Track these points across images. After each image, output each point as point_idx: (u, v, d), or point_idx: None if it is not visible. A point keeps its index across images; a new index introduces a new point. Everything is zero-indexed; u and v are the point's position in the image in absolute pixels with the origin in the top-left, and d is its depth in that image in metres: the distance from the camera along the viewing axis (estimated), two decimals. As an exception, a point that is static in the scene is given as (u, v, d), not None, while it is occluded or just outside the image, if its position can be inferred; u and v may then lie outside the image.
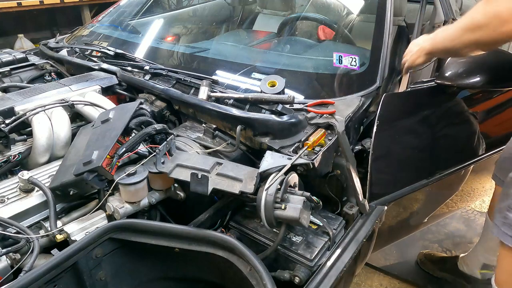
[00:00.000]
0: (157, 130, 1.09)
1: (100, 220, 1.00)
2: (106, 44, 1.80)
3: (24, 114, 1.20)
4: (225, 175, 0.99)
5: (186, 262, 1.00)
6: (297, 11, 2.13)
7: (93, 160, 0.97)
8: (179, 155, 1.08)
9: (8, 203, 0.99)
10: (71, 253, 0.84)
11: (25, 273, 0.81)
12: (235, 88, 1.37)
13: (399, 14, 1.58)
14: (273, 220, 0.90)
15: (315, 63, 1.51)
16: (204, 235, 0.91)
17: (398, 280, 2.02)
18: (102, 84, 1.45)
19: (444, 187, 1.58)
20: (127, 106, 1.20)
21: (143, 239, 0.94)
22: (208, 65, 1.59)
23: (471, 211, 2.50)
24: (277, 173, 0.94)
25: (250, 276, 0.84)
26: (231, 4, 2.47)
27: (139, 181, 0.99)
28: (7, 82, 1.60)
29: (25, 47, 4.23)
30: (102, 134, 1.08)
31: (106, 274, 0.95)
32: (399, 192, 1.31)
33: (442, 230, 2.32)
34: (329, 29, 1.86)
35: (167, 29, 2.16)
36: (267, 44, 1.92)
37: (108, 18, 2.16)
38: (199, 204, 1.10)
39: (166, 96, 1.37)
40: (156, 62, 1.55)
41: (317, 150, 1.06)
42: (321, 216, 1.06)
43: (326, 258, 0.98)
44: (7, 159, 1.13)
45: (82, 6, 4.73)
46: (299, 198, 0.91)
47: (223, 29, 2.29)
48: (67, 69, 1.73)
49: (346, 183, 1.14)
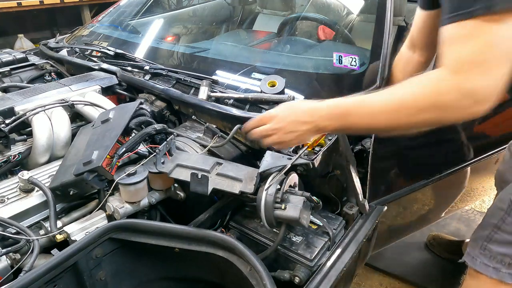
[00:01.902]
0: (157, 130, 1.09)
1: (100, 220, 1.00)
2: (106, 44, 1.80)
3: (24, 114, 1.20)
4: (225, 175, 0.99)
5: (186, 262, 1.00)
6: (297, 11, 2.13)
7: (93, 160, 0.97)
8: (179, 155, 1.08)
9: (8, 203, 0.99)
10: (71, 253, 0.84)
11: (25, 273, 0.81)
12: (235, 88, 1.37)
13: (399, 14, 1.58)
14: (273, 220, 0.90)
15: (315, 63, 1.51)
16: (204, 235, 0.91)
17: (398, 280, 2.02)
18: (102, 84, 1.45)
19: (444, 187, 1.58)
20: (127, 106, 1.20)
21: (143, 239, 0.94)
22: (208, 65, 1.59)
23: (471, 211, 2.50)
24: (277, 173, 0.94)
25: (250, 276, 0.84)
26: (231, 4, 2.47)
27: (139, 181, 0.99)
28: (7, 82, 1.60)
29: (25, 47, 4.23)
30: (102, 134, 1.08)
31: (106, 274, 0.95)
32: (399, 192, 1.31)
33: (442, 230, 2.32)
34: (329, 29, 1.86)
35: (167, 29, 2.16)
36: (267, 44, 1.92)
37: (108, 18, 2.16)
38: (199, 204, 1.10)
39: (166, 96, 1.37)
40: (156, 62, 1.55)
41: (317, 150, 1.06)
42: (321, 216, 1.06)
43: (326, 258, 0.98)
44: (7, 159, 1.13)
45: (82, 6, 4.73)
46: (299, 198, 0.91)
47: (223, 29, 2.29)
48: (67, 69, 1.73)
49: (346, 183, 1.14)
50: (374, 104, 0.85)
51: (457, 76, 0.74)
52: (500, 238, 1.15)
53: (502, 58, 0.73)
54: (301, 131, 0.92)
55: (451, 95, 0.75)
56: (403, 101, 0.81)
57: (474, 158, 1.54)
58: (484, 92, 0.74)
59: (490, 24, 0.72)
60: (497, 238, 1.15)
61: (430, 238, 2.20)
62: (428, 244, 2.18)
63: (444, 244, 2.12)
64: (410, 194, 1.38)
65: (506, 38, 0.72)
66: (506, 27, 0.72)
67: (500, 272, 1.16)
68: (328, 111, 0.89)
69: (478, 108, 0.75)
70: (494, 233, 1.16)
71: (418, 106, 0.79)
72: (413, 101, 0.80)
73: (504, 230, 1.13)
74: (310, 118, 0.91)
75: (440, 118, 0.80)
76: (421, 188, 1.42)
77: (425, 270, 2.08)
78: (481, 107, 0.75)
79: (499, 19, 0.71)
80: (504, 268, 1.16)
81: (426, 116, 0.79)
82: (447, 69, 0.76)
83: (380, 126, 0.86)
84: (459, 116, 0.79)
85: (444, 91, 0.76)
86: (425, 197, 1.55)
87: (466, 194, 1.85)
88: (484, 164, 1.61)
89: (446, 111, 0.77)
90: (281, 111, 0.96)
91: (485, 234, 1.18)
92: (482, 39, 0.73)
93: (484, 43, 0.73)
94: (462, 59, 0.75)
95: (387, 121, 0.83)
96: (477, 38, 0.73)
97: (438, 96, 0.76)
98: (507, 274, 1.16)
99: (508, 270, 1.15)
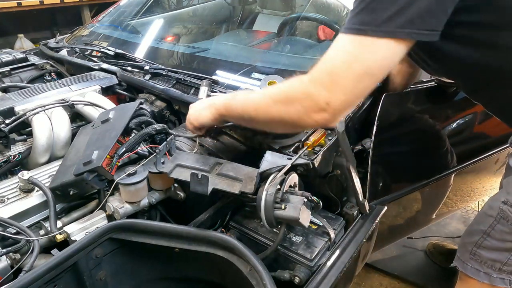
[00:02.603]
0: (157, 130, 1.09)
1: (100, 220, 1.00)
2: (106, 44, 1.80)
3: (24, 114, 1.20)
4: (225, 175, 0.99)
5: (186, 262, 1.00)
6: (297, 11, 2.12)
7: (93, 160, 0.97)
8: (179, 155, 1.08)
9: (8, 203, 0.99)
10: (71, 253, 0.84)
11: (25, 273, 0.81)
12: (235, 88, 1.36)
13: (399, 14, 1.58)
14: (273, 220, 0.90)
15: (315, 63, 1.51)
16: (204, 235, 0.91)
17: (398, 280, 2.02)
18: (102, 84, 1.45)
19: (444, 187, 1.58)
20: (127, 106, 1.20)
21: (143, 239, 0.94)
22: (208, 65, 1.59)
23: (471, 211, 2.49)
24: (277, 173, 0.94)
25: (250, 276, 0.84)
26: (231, 4, 2.47)
27: (139, 181, 0.99)
28: (7, 82, 1.60)
29: (25, 47, 4.23)
30: (102, 134, 1.08)
31: (106, 274, 0.95)
32: (399, 192, 1.31)
33: (442, 230, 2.32)
34: (329, 29, 1.86)
35: (167, 29, 2.16)
36: (267, 44, 1.92)
37: (108, 18, 2.16)
38: (199, 204, 1.10)
39: (166, 96, 1.37)
40: (156, 62, 1.55)
41: (317, 150, 1.06)
42: (321, 216, 1.06)
43: (326, 258, 0.98)
44: (7, 159, 1.13)
45: (82, 6, 4.73)
46: (299, 198, 0.91)
47: (223, 29, 2.29)
48: (67, 69, 1.73)
49: (346, 183, 1.14)
50: (250, 93, 1.01)
51: (311, 80, 0.82)
52: (490, 244, 1.15)
53: (358, 77, 0.78)
54: (200, 108, 1.08)
55: (297, 92, 0.84)
56: (269, 93, 0.92)
57: (474, 158, 1.54)
58: (325, 102, 0.79)
59: (359, 44, 0.77)
60: (487, 244, 1.16)
61: (430, 246, 2.17)
62: (428, 253, 2.15)
63: (445, 253, 2.09)
64: (410, 194, 1.38)
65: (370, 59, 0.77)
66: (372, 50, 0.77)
67: (491, 277, 1.17)
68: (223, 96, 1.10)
69: (320, 116, 0.81)
70: (484, 240, 1.16)
71: (275, 97, 0.89)
72: (274, 93, 0.90)
73: (493, 236, 1.14)
74: (209, 100, 1.11)
75: (287, 114, 0.85)
76: (421, 188, 1.42)
77: (425, 270, 2.08)
78: (323, 115, 0.80)
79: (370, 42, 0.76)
80: (495, 273, 1.16)
81: (279, 109, 0.87)
82: (309, 73, 0.84)
83: (248, 112, 0.95)
84: (302, 118, 0.84)
85: (295, 86, 0.85)
86: (426, 197, 1.55)
87: (466, 194, 1.85)
88: (484, 164, 1.61)
89: (291, 106, 0.84)
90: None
91: (475, 240, 1.18)
92: (347, 54, 0.79)
93: (346, 58, 0.78)
94: (322, 67, 0.82)
95: (252, 108, 0.93)
96: (343, 52, 0.80)
97: (288, 90, 0.87)
98: (498, 279, 1.16)
99: (499, 275, 1.16)
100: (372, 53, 0.77)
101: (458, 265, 1.25)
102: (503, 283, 1.16)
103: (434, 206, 1.68)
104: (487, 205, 1.17)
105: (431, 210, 1.69)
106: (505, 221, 1.09)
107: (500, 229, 1.12)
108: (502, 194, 1.12)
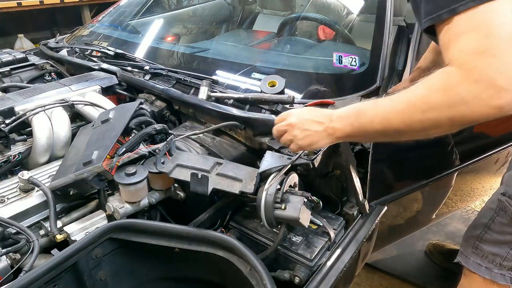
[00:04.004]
0: (157, 130, 1.09)
1: (100, 220, 1.00)
2: (106, 44, 1.80)
3: (24, 114, 1.20)
4: (225, 175, 0.99)
5: (186, 262, 1.00)
6: (297, 11, 2.12)
7: (93, 160, 0.97)
8: (179, 155, 1.08)
9: (8, 203, 0.99)
10: (71, 253, 0.84)
11: (25, 273, 0.81)
12: (235, 88, 1.37)
13: (399, 14, 1.58)
14: (273, 220, 0.90)
15: (315, 63, 1.51)
16: (204, 235, 0.91)
17: (398, 280, 2.02)
18: (102, 84, 1.45)
19: (445, 187, 1.58)
20: (127, 106, 1.20)
21: (143, 239, 0.94)
22: (208, 65, 1.59)
23: (471, 211, 2.49)
24: (277, 173, 0.94)
25: (250, 276, 0.84)
26: (231, 4, 2.47)
27: (139, 181, 0.99)
28: (7, 82, 1.60)
29: (25, 47, 4.24)
30: (102, 134, 1.08)
31: (106, 274, 0.95)
32: (399, 192, 1.31)
33: (442, 230, 2.32)
34: (329, 29, 1.86)
35: (167, 29, 2.16)
36: (267, 44, 1.92)
37: (108, 18, 2.16)
38: (199, 204, 1.10)
39: (166, 96, 1.37)
40: (156, 62, 1.55)
41: (317, 150, 1.06)
42: (321, 216, 1.06)
43: (326, 258, 0.98)
44: (7, 159, 1.13)
45: (82, 6, 4.73)
46: (299, 198, 0.91)
47: (223, 29, 2.29)
48: (67, 69, 1.73)
49: (346, 183, 1.14)
50: (385, 104, 0.81)
51: (464, 68, 0.69)
52: (490, 237, 1.16)
53: (507, 42, 0.67)
54: (313, 131, 0.91)
55: (462, 86, 0.69)
56: (415, 99, 0.76)
57: (474, 158, 1.54)
58: (497, 77, 0.66)
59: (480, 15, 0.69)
60: (488, 237, 1.16)
61: (430, 246, 2.17)
62: (428, 253, 2.15)
63: (445, 253, 2.09)
64: (411, 194, 1.37)
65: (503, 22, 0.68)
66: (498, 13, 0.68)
67: (492, 272, 1.17)
68: (340, 114, 0.88)
69: (501, 96, 0.66)
70: (485, 233, 1.17)
71: (429, 103, 0.73)
72: (423, 97, 0.75)
73: (494, 229, 1.14)
74: (322, 119, 0.90)
75: (459, 115, 0.71)
76: (421, 188, 1.42)
77: (425, 270, 2.08)
78: (504, 95, 0.66)
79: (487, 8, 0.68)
80: (496, 268, 1.16)
81: (442, 114, 0.72)
82: (451, 65, 0.71)
83: (393, 126, 0.79)
84: (480, 110, 0.69)
85: (453, 84, 0.70)
86: (426, 197, 1.55)
87: (466, 194, 1.85)
88: (484, 164, 1.61)
89: (462, 105, 0.69)
90: (299, 110, 0.98)
91: (477, 234, 1.19)
92: (478, 29, 0.69)
93: (481, 32, 0.68)
94: (463, 53, 0.70)
95: (399, 120, 0.78)
96: (473, 30, 0.69)
97: (447, 90, 0.71)
98: (499, 275, 1.16)
99: (499, 270, 1.16)
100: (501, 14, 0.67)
101: (461, 260, 1.26)
102: (504, 280, 1.16)
103: (435, 206, 1.68)
104: (489, 199, 1.18)
105: (431, 210, 1.69)
106: (504, 213, 1.10)
107: (499, 221, 1.12)
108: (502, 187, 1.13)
